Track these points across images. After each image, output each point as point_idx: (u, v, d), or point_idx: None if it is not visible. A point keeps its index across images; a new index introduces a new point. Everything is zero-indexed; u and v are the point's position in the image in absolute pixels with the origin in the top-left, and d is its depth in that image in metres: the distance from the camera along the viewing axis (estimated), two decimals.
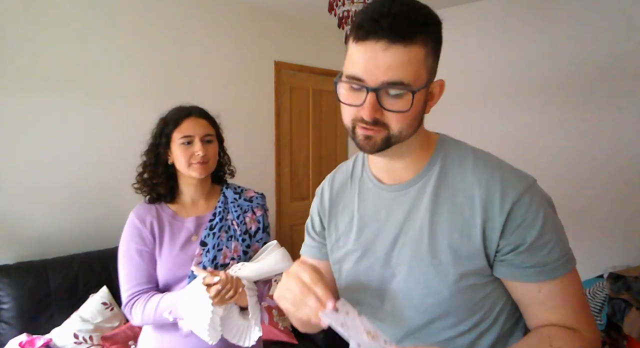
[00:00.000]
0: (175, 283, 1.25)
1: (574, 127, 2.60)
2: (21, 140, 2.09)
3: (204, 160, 1.25)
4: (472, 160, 0.76)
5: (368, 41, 0.65)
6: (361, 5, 2.00)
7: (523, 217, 0.69)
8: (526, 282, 0.71)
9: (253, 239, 1.34)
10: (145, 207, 1.29)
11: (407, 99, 0.67)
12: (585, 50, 2.53)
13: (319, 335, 2.31)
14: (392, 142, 0.71)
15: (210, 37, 2.79)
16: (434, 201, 0.75)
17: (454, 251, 0.72)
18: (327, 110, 3.62)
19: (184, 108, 1.33)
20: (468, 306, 0.74)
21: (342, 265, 0.86)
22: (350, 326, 0.66)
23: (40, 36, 2.12)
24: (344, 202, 0.89)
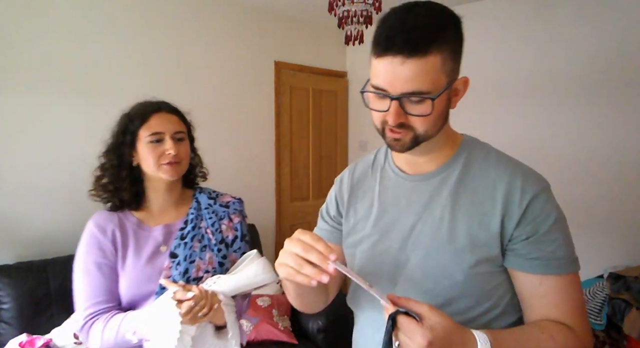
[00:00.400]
0: (141, 300, 1.10)
1: (576, 126, 2.60)
2: (21, 140, 2.09)
3: (175, 160, 1.12)
4: (495, 158, 0.83)
5: (386, 57, 0.71)
6: (361, 5, 2.01)
7: (539, 211, 0.75)
8: (530, 272, 0.75)
9: (230, 249, 1.20)
10: (105, 215, 1.15)
11: (428, 104, 0.72)
12: (598, 47, 2.51)
13: (319, 335, 2.31)
14: (420, 140, 0.77)
15: (210, 37, 2.79)
16: (456, 192, 0.81)
17: (472, 239, 0.77)
18: (327, 110, 3.62)
19: (152, 102, 1.19)
20: (479, 292, 0.78)
21: (357, 248, 0.90)
22: (353, 274, 0.71)
23: (40, 36, 2.12)
24: (364, 189, 0.94)
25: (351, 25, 2.08)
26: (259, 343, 2.20)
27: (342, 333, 2.41)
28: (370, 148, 3.64)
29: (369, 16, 2.04)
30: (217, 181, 3.01)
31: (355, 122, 3.76)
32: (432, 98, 0.71)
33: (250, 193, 3.09)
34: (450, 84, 0.75)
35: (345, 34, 2.15)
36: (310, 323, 2.34)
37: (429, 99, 0.71)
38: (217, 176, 2.95)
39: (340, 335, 2.39)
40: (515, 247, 0.76)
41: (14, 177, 2.06)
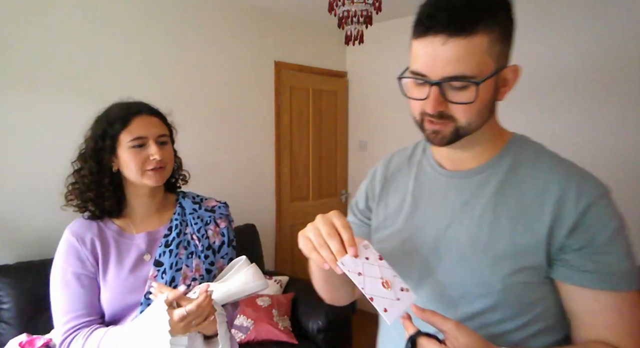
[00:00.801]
0: (125, 312, 1.04)
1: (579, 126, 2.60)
2: (21, 140, 2.09)
3: (160, 165, 1.06)
4: (547, 159, 0.74)
5: (427, 37, 0.65)
6: (361, 5, 2.00)
7: (597, 218, 0.67)
8: (583, 287, 0.67)
9: (217, 255, 1.15)
10: (83, 223, 1.08)
11: (471, 91, 0.65)
12: (602, 45, 2.48)
13: (319, 335, 2.31)
14: (461, 133, 0.70)
15: (210, 37, 2.79)
16: (500, 193, 0.73)
17: (514, 245, 0.70)
18: (327, 110, 3.62)
19: (131, 104, 1.12)
20: (518, 304, 0.71)
21: (385, 245, 0.84)
22: (367, 274, 0.65)
23: (40, 36, 2.12)
24: (397, 183, 0.88)
25: (351, 25, 2.08)
26: (259, 343, 2.20)
27: (342, 333, 2.41)
28: (370, 148, 3.64)
29: (369, 16, 2.04)
30: (217, 181, 3.04)
31: (355, 122, 3.76)
32: (477, 82, 0.64)
33: (250, 194, 3.10)
34: (498, 71, 0.67)
35: (345, 34, 2.15)
36: (310, 323, 2.34)
37: (472, 84, 0.64)
38: (217, 176, 2.97)
39: (340, 335, 2.39)
40: (567, 257, 0.68)
41: (14, 177, 2.05)
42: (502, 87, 0.71)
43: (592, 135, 2.53)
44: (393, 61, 3.37)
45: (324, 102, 3.59)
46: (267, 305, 2.34)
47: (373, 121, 3.60)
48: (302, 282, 2.71)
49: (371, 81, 3.59)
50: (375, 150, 3.61)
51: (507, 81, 0.71)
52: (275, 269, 3.26)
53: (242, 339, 2.17)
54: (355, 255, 0.65)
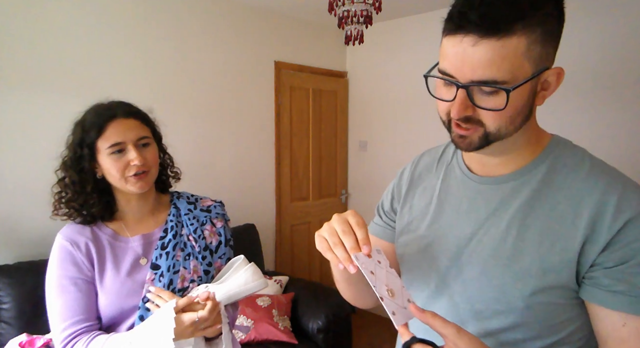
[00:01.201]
0: (122, 317, 1.02)
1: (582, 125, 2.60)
2: (21, 140, 2.09)
3: (143, 169, 1.02)
4: (588, 166, 0.67)
5: (457, 35, 0.59)
6: (361, 5, 2.00)
7: (636, 236, 0.60)
8: (611, 309, 0.61)
9: (215, 256, 1.13)
10: (76, 228, 1.06)
11: (502, 97, 0.59)
12: (605, 45, 2.48)
13: (319, 335, 2.31)
14: (491, 139, 0.64)
15: (210, 37, 2.79)
16: (531, 203, 0.67)
17: (541, 261, 0.64)
18: (327, 110, 3.62)
19: (105, 107, 1.07)
20: (542, 325, 0.65)
21: (407, 250, 0.81)
22: (378, 275, 0.64)
23: (40, 36, 2.12)
24: (424, 185, 0.83)
25: (351, 25, 2.08)
26: (259, 343, 2.20)
27: (342, 333, 2.41)
28: (370, 148, 3.64)
29: (369, 16, 2.04)
30: (217, 181, 3.04)
31: (355, 122, 3.76)
32: (508, 90, 0.58)
33: (250, 194, 3.10)
34: (538, 74, 0.60)
35: (345, 34, 2.15)
36: (310, 323, 2.34)
37: (503, 90, 0.58)
38: (217, 176, 2.97)
39: (340, 335, 2.39)
40: (596, 275, 0.61)
41: (14, 177, 2.05)
42: (544, 90, 0.64)
43: (598, 136, 2.53)
44: (393, 61, 3.38)
45: (324, 102, 3.59)
46: (267, 305, 2.34)
47: (373, 121, 3.60)
48: (302, 282, 2.71)
49: (371, 81, 3.59)
50: (375, 150, 3.61)
51: (549, 84, 0.64)
52: (275, 269, 3.26)
53: (242, 339, 2.17)
54: (368, 253, 0.64)
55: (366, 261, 0.64)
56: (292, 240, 3.39)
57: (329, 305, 2.40)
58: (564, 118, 2.59)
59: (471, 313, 0.69)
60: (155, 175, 1.09)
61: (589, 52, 2.51)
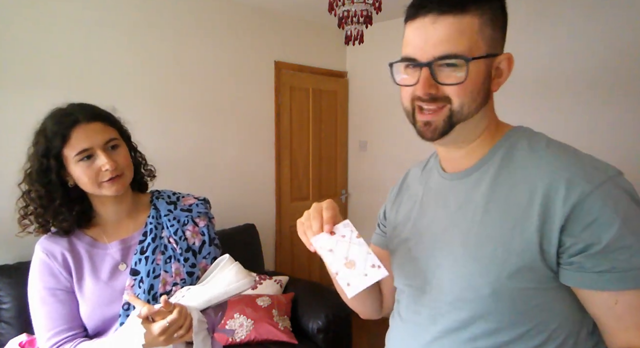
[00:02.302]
0: (105, 325, 1.00)
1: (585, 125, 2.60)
2: (21, 140, 2.09)
3: (116, 174, 0.98)
4: (544, 147, 0.68)
5: (417, 18, 0.65)
6: (361, 5, 2.00)
7: (598, 212, 0.59)
8: (600, 290, 0.60)
9: (199, 256, 1.09)
10: (53, 238, 1.03)
11: (462, 70, 0.64)
12: (607, 44, 2.47)
13: (319, 335, 2.31)
14: (454, 120, 0.67)
15: (210, 37, 2.79)
16: (491, 190, 0.68)
17: (504, 244, 0.64)
18: (327, 110, 3.62)
19: (65, 113, 1.02)
20: (512, 312, 0.65)
21: (396, 254, 0.84)
22: (337, 251, 0.69)
23: (40, 35, 2.12)
24: (410, 192, 0.87)
25: (351, 25, 2.08)
26: (259, 343, 2.20)
27: (342, 333, 2.41)
28: (370, 148, 3.64)
29: (369, 16, 2.04)
30: (217, 181, 3.03)
31: (355, 122, 3.76)
32: (467, 59, 0.63)
33: (250, 194, 3.10)
34: (491, 57, 0.66)
35: (345, 34, 2.15)
36: (310, 323, 2.34)
37: (463, 60, 0.63)
38: (217, 176, 2.97)
39: (340, 335, 2.39)
40: (574, 260, 0.60)
41: (14, 177, 2.05)
42: (498, 77, 0.69)
43: (600, 135, 2.53)
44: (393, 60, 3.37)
45: (324, 102, 3.59)
46: (267, 305, 2.34)
47: (373, 121, 3.60)
48: (302, 282, 2.71)
49: (371, 81, 3.59)
50: (375, 150, 3.61)
51: (501, 71, 0.69)
52: (275, 269, 3.26)
53: (242, 339, 2.18)
54: (329, 231, 0.70)
55: (326, 240, 0.70)
56: (292, 240, 3.39)
57: (329, 305, 2.40)
58: (564, 118, 2.59)
59: (446, 305, 0.71)
60: (130, 176, 1.05)
61: (589, 52, 2.51)
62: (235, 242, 2.70)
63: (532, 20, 2.69)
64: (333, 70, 3.64)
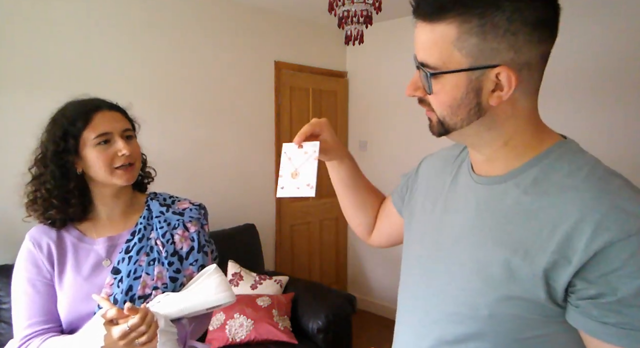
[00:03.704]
0: (81, 321, 0.97)
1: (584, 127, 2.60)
2: (21, 140, 2.09)
3: (129, 161, 1.01)
4: (584, 174, 0.60)
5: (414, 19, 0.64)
6: (361, 5, 2.00)
7: (623, 263, 0.53)
8: (604, 341, 0.56)
9: (185, 262, 1.06)
10: (42, 228, 1.04)
11: (435, 81, 0.61)
12: (606, 45, 2.47)
13: (319, 335, 2.31)
14: (446, 126, 0.65)
15: (210, 37, 2.79)
16: (514, 210, 0.63)
17: (510, 269, 0.60)
18: (327, 110, 3.62)
19: (87, 101, 1.05)
20: (508, 338, 0.62)
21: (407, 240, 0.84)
22: (293, 160, 0.84)
23: (40, 35, 2.12)
24: (436, 179, 0.82)
25: (351, 25, 2.08)
26: (259, 343, 2.20)
27: (342, 333, 2.41)
28: (370, 148, 3.64)
29: (369, 16, 2.04)
30: (217, 181, 3.03)
31: (355, 122, 3.76)
32: (429, 73, 0.60)
33: (250, 194, 3.10)
34: (478, 69, 0.59)
35: (345, 34, 2.15)
36: (310, 323, 2.34)
37: (432, 74, 0.60)
38: (217, 176, 2.97)
39: (340, 335, 2.39)
40: (583, 304, 0.56)
41: (14, 177, 2.05)
42: (498, 90, 0.60)
43: (598, 137, 2.53)
44: (393, 61, 3.38)
45: (324, 102, 3.59)
46: (267, 305, 2.34)
47: (373, 121, 3.60)
48: (302, 282, 2.71)
49: (371, 81, 3.59)
50: (375, 150, 3.61)
51: (500, 86, 0.60)
52: (275, 269, 3.26)
53: (242, 339, 2.18)
54: (297, 144, 0.84)
55: (292, 150, 0.84)
56: (292, 240, 3.39)
57: (329, 305, 2.40)
58: (564, 118, 2.59)
59: (444, 314, 0.69)
60: (139, 169, 1.07)
61: (589, 52, 2.51)
62: (235, 242, 2.70)
63: None
64: (333, 70, 3.64)
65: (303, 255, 3.48)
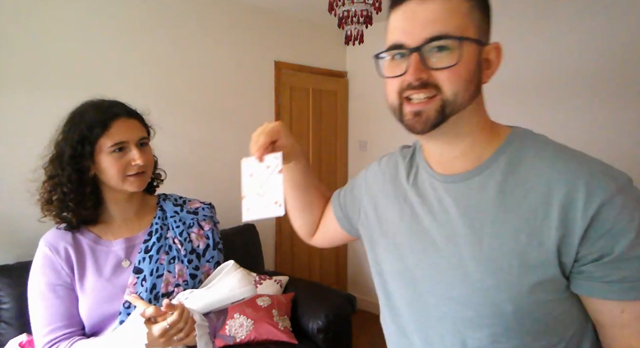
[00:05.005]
0: (104, 323, 0.99)
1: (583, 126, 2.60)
2: (21, 140, 2.09)
3: (142, 170, 1.02)
4: (551, 153, 0.64)
5: (403, 2, 0.63)
6: (361, 5, 2.00)
7: (613, 222, 0.57)
8: (609, 299, 0.59)
9: (202, 259, 1.10)
10: (57, 233, 1.04)
11: (454, 52, 0.60)
12: (606, 44, 2.47)
13: (319, 335, 2.31)
14: (448, 111, 0.62)
15: (210, 37, 2.79)
16: (500, 197, 0.63)
17: (521, 257, 0.61)
18: (327, 110, 3.62)
19: (107, 106, 1.06)
20: (536, 326, 0.62)
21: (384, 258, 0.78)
22: (255, 177, 0.76)
23: (40, 35, 2.12)
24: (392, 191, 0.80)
25: (351, 25, 2.08)
26: (259, 343, 2.20)
27: (342, 333, 2.41)
28: (370, 148, 3.64)
29: (369, 16, 2.04)
30: (217, 181, 3.03)
31: (355, 122, 3.76)
32: (460, 38, 0.59)
33: None
34: (481, 45, 0.63)
35: (345, 34, 2.15)
36: (310, 323, 2.34)
37: (456, 41, 0.59)
38: (217, 176, 2.97)
39: (340, 335, 2.39)
40: (585, 269, 0.59)
41: (14, 177, 2.05)
42: (487, 69, 0.65)
43: (598, 137, 2.53)
44: None
45: (324, 102, 3.59)
46: (267, 305, 2.34)
47: (373, 121, 3.60)
48: (302, 282, 2.71)
49: (371, 81, 3.59)
50: (375, 150, 3.61)
51: (490, 62, 0.65)
52: (275, 269, 3.26)
53: (242, 339, 2.18)
54: (258, 158, 0.76)
55: (252, 165, 0.76)
56: (292, 240, 3.39)
57: (329, 305, 2.40)
58: (564, 118, 2.59)
59: (461, 321, 0.66)
60: (150, 176, 1.09)
61: (589, 52, 2.50)
62: (235, 243, 2.70)
63: (531, 18, 2.68)
64: (333, 70, 3.64)
65: (303, 255, 3.48)
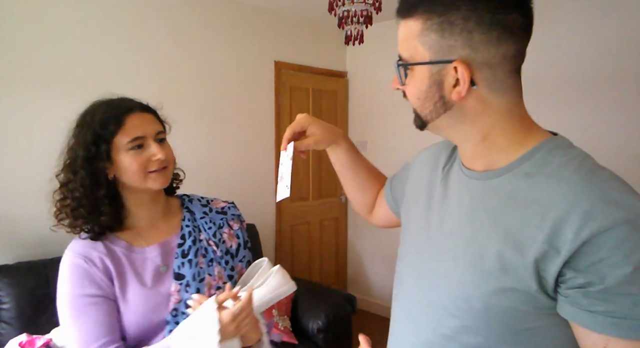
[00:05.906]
0: (151, 334, 0.94)
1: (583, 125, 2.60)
2: (21, 140, 2.09)
3: (164, 165, 0.97)
4: (574, 167, 0.61)
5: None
6: (361, 5, 2.00)
7: (609, 251, 0.54)
8: (592, 330, 0.57)
9: (235, 259, 1.07)
10: (86, 242, 0.96)
11: (409, 74, 0.68)
12: (606, 44, 2.47)
13: (319, 335, 2.31)
14: (421, 119, 0.71)
15: (210, 37, 2.79)
16: (506, 203, 0.64)
17: (502, 261, 0.61)
18: (327, 110, 3.62)
19: (118, 102, 1.00)
20: (503, 332, 0.63)
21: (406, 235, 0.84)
22: (282, 166, 0.89)
23: (40, 35, 2.12)
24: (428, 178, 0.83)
25: (351, 25, 2.08)
26: None
27: (342, 333, 2.41)
28: (370, 148, 3.64)
29: (369, 16, 2.04)
30: (217, 181, 3.03)
31: (355, 122, 3.76)
32: (398, 64, 0.68)
33: (250, 194, 3.10)
34: (437, 63, 0.63)
35: (345, 34, 2.15)
36: (310, 323, 2.34)
37: (402, 64, 0.67)
38: (217, 176, 2.97)
39: (340, 335, 2.39)
40: (572, 293, 0.57)
41: (14, 177, 2.05)
42: (456, 86, 0.63)
43: (598, 137, 2.53)
44: (393, 61, 3.36)
45: (324, 102, 3.59)
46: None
47: (373, 121, 3.60)
48: (302, 282, 2.71)
49: (371, 81, 3.59)
50: (375, 150, 3.60)
51: (457, 80, 0.63)
52: None
53: None
54: (283, 149, 0.90)
55: (282, 155, 0.90)
56: (292, 240, 3.39)
57: (329, 305, 2.40)
58: (564, 118, 2.59)
59: (440, 308, 0.70)
60: (172, 171, 1.03)
61: (589, 52, 2.51)
62: None
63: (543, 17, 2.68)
64: (333, 70, 3.64)
65: (303, 255, 3.48)
